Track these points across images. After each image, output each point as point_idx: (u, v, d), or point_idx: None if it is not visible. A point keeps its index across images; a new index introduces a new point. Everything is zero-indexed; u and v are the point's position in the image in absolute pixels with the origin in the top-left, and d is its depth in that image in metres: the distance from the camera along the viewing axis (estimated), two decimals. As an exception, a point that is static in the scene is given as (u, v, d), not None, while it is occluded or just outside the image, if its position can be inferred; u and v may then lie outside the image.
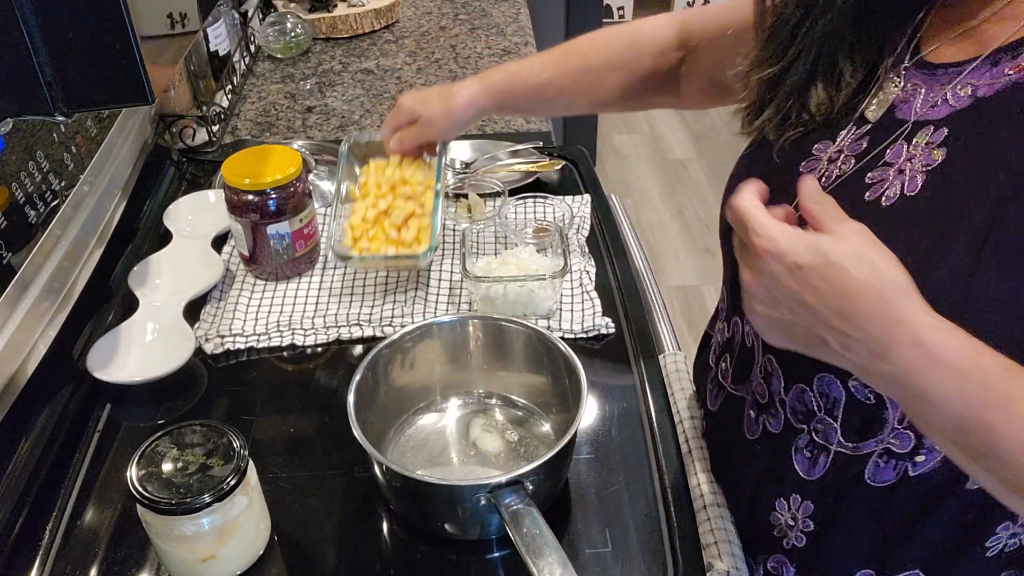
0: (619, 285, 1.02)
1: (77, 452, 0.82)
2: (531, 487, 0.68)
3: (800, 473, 0.67)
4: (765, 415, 0.70)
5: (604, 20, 2.96)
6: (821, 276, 0.52)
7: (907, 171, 0.58)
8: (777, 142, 0.69)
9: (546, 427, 0.82)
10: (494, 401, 0.86)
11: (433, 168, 1.00)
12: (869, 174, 0.61)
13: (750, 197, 0.57)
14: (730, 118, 0.80)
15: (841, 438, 0.63)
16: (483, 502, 0.67)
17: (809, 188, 0.57)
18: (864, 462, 0.63)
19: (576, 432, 0.71)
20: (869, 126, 0.63)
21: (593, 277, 1.01)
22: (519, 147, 1.25)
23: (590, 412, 0.86)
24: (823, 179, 0.64)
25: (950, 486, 0.61)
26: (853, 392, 0.61)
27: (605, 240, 1.10)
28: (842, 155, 0.64)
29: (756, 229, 0.55)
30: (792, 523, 0.69)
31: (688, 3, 4.47)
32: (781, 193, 0.66)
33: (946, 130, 0.57)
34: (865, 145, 0.62)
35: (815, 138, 0.67)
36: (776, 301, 0.55)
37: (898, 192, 0.58)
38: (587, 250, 1.07)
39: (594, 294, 0.99)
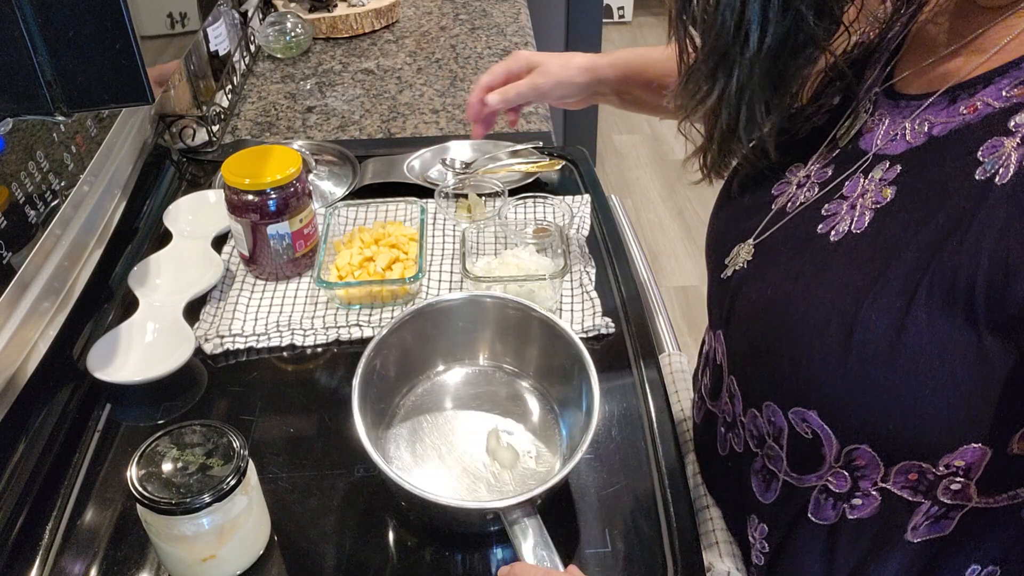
0: (619, 285, 1.02)
1: (77, 452, 0.82)
2: (539, 501, 0.68)
3: (757, 495, 0.68)
4: (731, 434, 0.71)
5: (604, 20, 2.96)
6: None
7: (858, 207, 0.57)
8: (735, 180, 0.70)
9: (546, 425, 0.82)
10: (503, 389, 0.85)
11: (414, 227, 1.06)
12: (826, 205, 0.60)
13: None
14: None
15: (787, 467, 0.63)
16: (489, 517, 0.68)
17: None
18: (807, 496, 0.63)
19: (586, 446, 0.71)
20: (837, 152, 0.62)
21: (593, 277, 1.01)
22: (519, 147, 1.25)
23: (590, 412, 0.86)
24: (788, 204, 0.64)
25: (890, 534, 0.60)
26: (793, 424, 0.60)
27: (605, 240, 1.10)
28: (809, 181, 0.63)
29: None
30: (753, 540, 0.70)
31: (688, 3, 4.47)
32: (752, 214, 0.68)
33: (899, 167, 0.56)
34: (830, 173, 0.62)
35: (789, 160, 0.67)
36: None
37: (847, 228, 0.57)
38: (587, 250, 1.07)
39: (594, 294, 0.99)
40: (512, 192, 1.14)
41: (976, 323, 0.49)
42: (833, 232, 0.58)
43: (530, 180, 1.18)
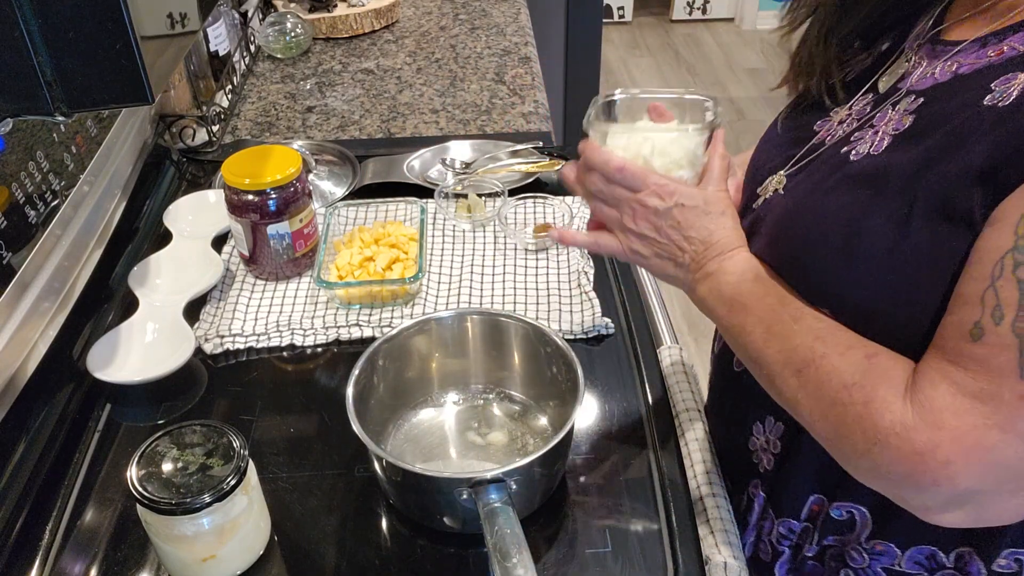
0: (619, 285, 1.02)
1: (77, 452, 0.82)
2: (514, 486, 0.68)
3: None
4: None
5: (604, 20, 2.96)
6: (684, 204, 0.70)
7: (880, 132, 0.62)
8: (787, 110, 0.76)
9: (543, 421, 0.82)
10: (492, 396, 0.86)
11: (414, 227, 1.06)
12: (856, 133, 0.65)
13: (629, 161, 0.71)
14: (731, 117, 0.81)
15: None
16: (464, 496, 0.68)
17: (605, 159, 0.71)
18: None
19: (567, 435, 0.71)
20: (879, 94, 0.67)
21: (592, 278, 1.01)
22: (519, 147, 1.25)
23: (590, 412, 0.86)
24: (828, 138, 0.68)
25: None
26: None
27: (605, 240, 1.10)
28: (850, 117, 0.68)
29: (649, 178, 0.70)
30: (765, 446, 0.74)
31: (688, 4, 4.48)
32: (791, 149, 0.72)
33: (922, 100, 0.60)
34: (869, 110, 0.66)
35: (835, 101, 0.71)
36: (656, 230, 0.70)
37: (867, 149, 0.62)
38: (587, 250, 1.07)
39: (593, 295, 0.99)
40: (512, 192, 1.14)
41: (973, 224, 0.53)
42: (854, 153, 0.63)
43: (530, 180, 1.18)
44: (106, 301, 0.99)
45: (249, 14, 1.71)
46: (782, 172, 0.71)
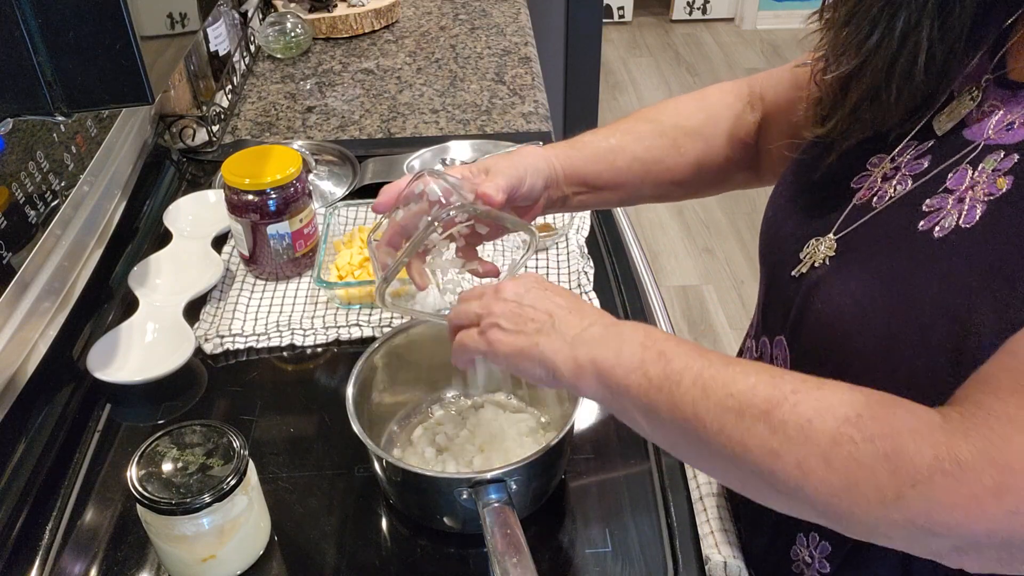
0: (619, 285, 1.02)
1: (77, 452, 0.82)
2: (514, 486, 0.68)
3: None
4: None
5: (604, 20, 2.96)
6: (543, 286, 0.64)
7: (967, 200, 0.52)
8: (831, 153, 0.64)
9: (543, 421, 0.82)
10: (492, 395, 0.85)
11: None
12: (927, 201, 0.55)
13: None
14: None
15: None
16: (464, 496, 0.68)
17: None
18: None
19: (566, 434, 0.71)
20: (932, 143, 0.57)
21: (592, 278, 1.01)
22: (519, 147, 1.24)
23: (590, 412, 0.86)
24: (875, 199, 0.59)
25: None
26: None
27: (605, 240, 1.10)
28: (899, 173, 0.58)
29: (501, 284, 0.65)
30: (809, 561, 0.65)
31: (688, 4, 4.48)
32: (828, 207, 0.62)
33: (1016, 156, 0.51)
34: (926, 165, 0.57)
35: (870, 149, 0.61)
36: (519, 311, 0.61)
37: (954, 223, 0.52)
38: (587, 250, 1.07)
39: (593, 295, 0.99)
40: (512, 192, 1.14)
41: None
42: (937, 228, 0.53)
43: (530, 180, 1.18)
44: (106, 301, 0.99)
45: (249, 14, 1.71)
46: (831, 236, 0.60)
